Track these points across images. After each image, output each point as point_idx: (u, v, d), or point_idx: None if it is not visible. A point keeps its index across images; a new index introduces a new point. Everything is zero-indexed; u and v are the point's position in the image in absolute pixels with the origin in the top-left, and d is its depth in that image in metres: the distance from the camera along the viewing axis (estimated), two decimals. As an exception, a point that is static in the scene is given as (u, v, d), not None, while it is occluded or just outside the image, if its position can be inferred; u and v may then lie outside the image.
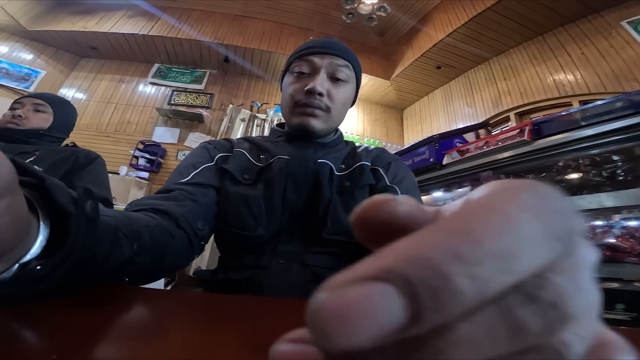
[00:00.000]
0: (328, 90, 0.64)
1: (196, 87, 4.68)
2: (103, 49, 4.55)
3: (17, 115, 1.13)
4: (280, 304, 0.33)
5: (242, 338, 0.20)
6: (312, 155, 0.66)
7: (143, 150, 4.11)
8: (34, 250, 0.22)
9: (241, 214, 0.59)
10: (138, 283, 0.41)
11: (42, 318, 0.20)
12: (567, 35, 3.22)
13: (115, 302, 0.27)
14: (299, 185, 0.62)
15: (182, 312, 0.26)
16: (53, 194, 0.22)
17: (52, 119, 1.21)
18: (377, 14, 3.84)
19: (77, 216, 0.23)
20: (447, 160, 1.62)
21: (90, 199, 0.25)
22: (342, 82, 0.65)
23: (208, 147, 0.68)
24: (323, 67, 0.64)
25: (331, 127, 0.68)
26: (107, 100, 4.53)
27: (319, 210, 0.60)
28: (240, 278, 0.57)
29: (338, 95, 0.65)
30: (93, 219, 0.24)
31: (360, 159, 0.68)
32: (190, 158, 0.64)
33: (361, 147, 0.74)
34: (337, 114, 0.67)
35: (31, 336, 0.18)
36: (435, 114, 4.64)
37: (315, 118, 0.64)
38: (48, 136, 1.19)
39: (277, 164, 0.64)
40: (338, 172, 0.65)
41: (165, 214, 0.49)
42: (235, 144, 0.70)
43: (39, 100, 1.20)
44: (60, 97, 1.31)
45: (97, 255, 0.27)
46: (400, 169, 0.68)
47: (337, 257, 0.60)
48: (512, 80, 3.65)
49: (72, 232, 0.23)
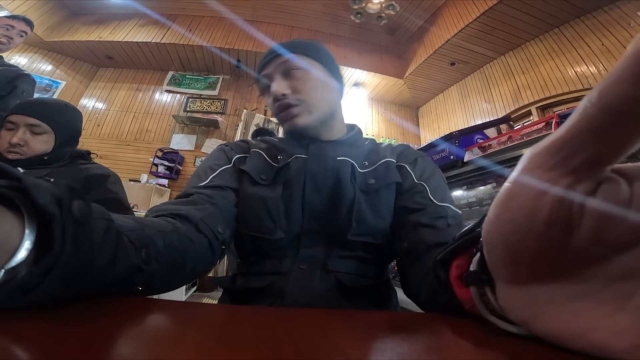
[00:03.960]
0: (289, 86, 0.62)
1: (210, 93, 4.74)
2: (119, 58, 4.67)
3: (15, 143, 1.00)
4: (297, 315, 0.30)
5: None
6: (330, 153, 0.63)
7: (162, 158, 4.21)
8: (20, 256, 0.20)
9: (259, 216, 0.57)
10: (154, 292, 0.38)
11: (32, 332, 0.18)
12: (584, 26, 3.15)
13: (115, 315, 0.24)
14: (319, 185, 0.60)
15: (192, 328, 0.23)
16: (32, 195, 0.20)
17: (53, 138, 1.07)
18: (386, 13, 3.80)
19: (62, 218, 0.21)
20: (468, 157, 1.56)
21: (78, 198, 0.22)
22: (299, 70, 0.63)
23: (225, 149, 0.66)
24: (274, 72, 0.64)
25: (321, 117, 0.65)
26: (126, 109, 4.65)
27: (342, 210, 0.57)
28: (261, 285, 0.55)
29: (302, 84, 0.63)
30: (82, 221, 0.22)
31: (385, 155, 0.64)
32: (208, 161, 0.63)
33: (384, 144, 0.71)
34: (315, 100, 0.63)
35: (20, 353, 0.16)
36: (452, 111, 4.55)
37: (296, 116, 0.63)
38: (55, 157, 1.08)
39: (295, 163, 0.62)
40: (362, 170, 0.62)
41: (184, 219, 0.48)
42: (252, 145, 0.68)
43: (34, 120, 1.02)
44: (55, 104, 1.11)
45: (97, 263, 0.24)
46: (427, 165, 0.64)
47: (362, 261, 0.58)
48: (531, 73, 3.55)
49: (57, 236, 0.20)
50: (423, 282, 0.43)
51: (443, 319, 0.30)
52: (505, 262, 0.20)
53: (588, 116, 0.15)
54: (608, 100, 0.14)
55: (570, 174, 0.16)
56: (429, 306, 0.43)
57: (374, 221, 0.57)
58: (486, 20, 3.42)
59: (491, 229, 0.20)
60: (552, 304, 0.18)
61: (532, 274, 0.19)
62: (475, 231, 0.28)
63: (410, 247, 0.52)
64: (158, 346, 0.19)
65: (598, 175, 0.16)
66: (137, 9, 4.25)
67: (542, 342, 0.19)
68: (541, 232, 0.17)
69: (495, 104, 3.88)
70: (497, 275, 0.21)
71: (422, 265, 0.46)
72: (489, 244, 0.21)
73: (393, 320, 0.30)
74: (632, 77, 0.13)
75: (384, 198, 0.59)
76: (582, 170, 0.16)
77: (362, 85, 4.79)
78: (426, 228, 0.52)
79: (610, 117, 0.14)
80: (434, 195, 0.57)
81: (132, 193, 3.40)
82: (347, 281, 0.54)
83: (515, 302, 0.20)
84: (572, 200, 0.16)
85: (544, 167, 0.16)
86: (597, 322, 0.16)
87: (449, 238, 0.48)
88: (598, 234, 0.16)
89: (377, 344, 0.21)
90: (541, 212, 0.17)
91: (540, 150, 0.17)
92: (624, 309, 0.16)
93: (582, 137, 0.15)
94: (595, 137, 0.15)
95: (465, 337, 0.24)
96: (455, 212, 0.55)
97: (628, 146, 0.15)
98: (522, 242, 0.18)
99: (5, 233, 0.20)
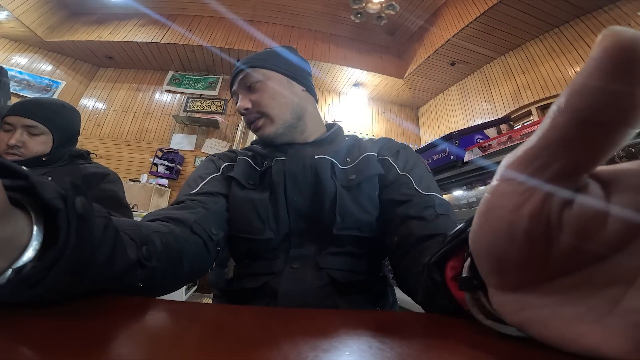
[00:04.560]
0: (250, 100, 0.66)
1: (210, 93, 4.73)
2: (119, 58, 4.67)
3: (13, 145, 1.00)
4: (296, 315, 0.30)
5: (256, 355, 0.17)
6: (309, 152, 0.65)
7: (162, 158, 4.20)
8: (27, 255, 0.21)
9: (248, 217, 0.59)
10: (154, 291, 0.39)
11: (34, 331, 0.18)
12: (584, 26, 3.15)
13: (116, 315, 0.25)
14: (299, 184, 0.62)
15: (192, 328, 0.23)
16: (39, 191, 0.21)
17: (51, 139, 1.06)
18: (386, 13, 3.80)
19: (67, 212, 0.21)
20: (468, 157, 1.56)
21: (81, 194, 0.23)
22: (257, 83, 0.66)
23: (213, 159, 0.70)
24: (238, 88, 0.68)
25: (285, 123, 0.67)
26: (126, 109, 4.64)
27: (325, 206, 0.59)
28: (255, 286, 0.56)
29: (260, 96, 0.66)
30: (85, 216, 0.23)
31: (366, 149, 0.66)
32: (198, 171, 0.66)
33: (366, 138, 0.73)
34: (275, 109, 0.66)
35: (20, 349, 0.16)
36: (452, 111, 4.55)
37: (260, 128, 0.67)
38: (54, 158, 1.08)
39: (275, 165, 0.64)
40: (343, 166, 0.64)
41: (178, 222, 0.49)
42: (239, 153, 0.71)
43: (30, 122, 1.02)
44: (52, 104, 1.10)
45: (97, 257, 0.24)
46: (410, 155, 0.65)
47: (353, 256, 0.59)
48: (531, 73, 3.55)
49: (62, 229, 0.21)
50: (418, 280, 0.43)
51: (443, 319, 0.30)
52: (492, 271, 0.20)
53: (557, 125, 0.14)
54: (576, 108, 0.14)
55: (546, 183, 0.16)
56: (428, 307, 0.43)
57: (359, 214, 0.58)
58: (486, 20, 3.42)
59: (475, 239, 0.20)
60: (543, 309, 0.18)
61: (520, 281, 0.19)
62: (465, 232, 0.28)
63: (400, 241, 0.52)
64: (158, 346, 0.19)
65: (575, 184, 0.16)
66: (137, 9, 4.25)
67: (541, 342, 0.19)
68: (522, 243, 0.17)
69: (495, 104, 3.87)
70: (487, 282, 0.21)
71: (412, 260, 0.46)
72: (475, 253, 0.21)
73: (393, 320, 0.30)
74: (599, 81, 0.13)
75: (366, 192, 0.60)
76: (557, 180, 0.15)
77: (362, 85, 4.79)
78: (415, 220, 0.52)
79: (580, 126, 0.14)
80: (419, 184, 0.58)
81: (132, 193, 3.40)
82: (339, 277, 0.55)
83: (508, 307, 0.20)
84: (549, 212, 0.16)
85: (518, 179, 0.16)
86: (587, 327, 0.16)
87: (439, 229, 0.49)
88: (578, 243, 0.16)
89: (376, 343, 0.21)
90: (520, 224, 0.16)
91: (514, 161, 0.16)
92: (612, 314, 0.16)
93: (553, 148, 0.15)
94: (567, 148, 0.14)
95: (464, 337, 0.24)
96: (443, 200, 0.56)
97: (604, 154, 0.14)
98: (505, 252, 0.18)
99: (17, 233, 0.20)
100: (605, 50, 0.13)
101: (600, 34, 0.13)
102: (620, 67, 0.12)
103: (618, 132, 0.13)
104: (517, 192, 0.16)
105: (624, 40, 0.12)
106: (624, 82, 0.13)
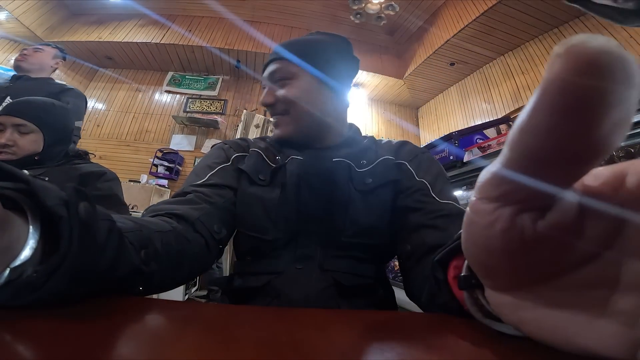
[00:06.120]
0: (274, 96, 0.63)
1: (210, 93, 4.73)
2: (118, 58, 4.66)
3: (3, 144, 1.00)
4: (297, 315, 0.30)
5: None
6: (328, 154, 0.63)
7: (162, 158, 4.20)
8: (24, 254, 0.20)
9: (257, 216, 0.57)
10: (153, 292, 0.39)
11: (34, 331, 0.18)
12: (584, 26, 3.15)
13: (116, 315, 0.24)
14: (314, 187, 0.59)
15: (192, 328, 0.23)
16: (41, 197, 0.21)
17: (42, 137, 1.06)
18: (385, 13, 3.79)
19: (70, 220, 0.21)
20: (468, 157, 1.56)
21: (84, 200, 0.23)
22: (286, 80, 0.63)
23: (224, 147, 0.66)
24: (266, 79, 0.65)
25: (304, 125, 0.64)
26: (126, 109, 4.64)
27: (337, 212, 0.57)
28: (258, 285, 0.55)
29: (288, 93, 0.62)
30: (89, 223, 0.22)
31: (384, 153, 0.64)
32: (207, 159, 0.63)
33: (383, 140, 0.70)
34: (301, 110, 0.63)
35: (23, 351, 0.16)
36: (451, 112, 4.54)
37: (279, 126, 0.65)
38: (47, 156, 1.08)
39: (290, 164, 0.61)
40: (359, 169, 0.61)
41: (181, 218, 0.48)
42: (252, 143, 0.68)
43: (19, 120, 1.02)
44: (42, 103, 1.10)
45: (101, 263, 0.24)
46: (428, 161, 0.63)
47: (358, 260, 0.57)
48: (531, 74, 3.55)
49: (64, 237, 0.21)
50: (424, 284, 0.43)
51: (443, 319, 0.30)
52: (483, 274, 0.20)
53: (511, 160, 0.14)
54: (525, 146, 0.13)
55: (513, 204, 0.16)
56: (429, 307, 0.43)
57: (369, 223, 0.57)
58: (486, 21, 3.42)
59: (463, 247, 0.20)
60: (536, 310, 0.18)
61: (511, 284, 0.19)
62: None
63: (413, 250, 0.52)
64: (158, 346, 0.19)
65: (545, 201, 0.15)
66: (137, 10, 4.24)
67: (539, 342, 0.19)
68: (501, 255, 0.17)
69: (495, 105, 3.87)
70: (483, 282, 0.22)
71: (423, 268, 0.45)
72: (467, 259, 0.21)
73: (393, 320, 0.30)
74: (546, 120, 0.12)
75: (381, 197, 0.59)
76: (525, 202, 0.15)
77: (361, 85, 4.78)
78: (428, 229, 0.51)
79: (533, 164, 0.13)
80: (436, 192, 0.56)
81: (131, 193, 3.39)
82: (343, 280, 0.54)
83: (504, 306, 0.20)
84: (521, 228, 0.16)
85: (489, 198, 0.16)
86: (579, 328, 0.16)
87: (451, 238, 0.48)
88: (558, 250, 0.16)
89: (377, 343, 0.21)
90: (495, 240, 0.17)
91: (484, 182, 0.16)
92: (602, 315, 0.16)
93: (511, 179, 0.14)
94: (525, 181, 0.14)
95: (464, 337, 0.24)
96: (459, 209, 0.54)
97: (568, 184, 0.14)
98: (488, 262, 0.18)
99: (15, 236, 0.20)
100: (552, 81, 0.11)
101: (555, 48, 0.11)
102: (571, 103, 0.11)
103: (578, 168, 0.13)
104: (488, 210, 0.16)
105: (584, 59, 0.11)
106: (576, 121, 0.11)
